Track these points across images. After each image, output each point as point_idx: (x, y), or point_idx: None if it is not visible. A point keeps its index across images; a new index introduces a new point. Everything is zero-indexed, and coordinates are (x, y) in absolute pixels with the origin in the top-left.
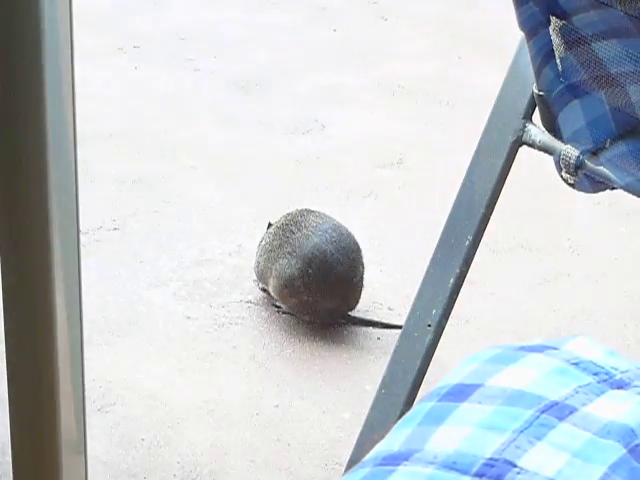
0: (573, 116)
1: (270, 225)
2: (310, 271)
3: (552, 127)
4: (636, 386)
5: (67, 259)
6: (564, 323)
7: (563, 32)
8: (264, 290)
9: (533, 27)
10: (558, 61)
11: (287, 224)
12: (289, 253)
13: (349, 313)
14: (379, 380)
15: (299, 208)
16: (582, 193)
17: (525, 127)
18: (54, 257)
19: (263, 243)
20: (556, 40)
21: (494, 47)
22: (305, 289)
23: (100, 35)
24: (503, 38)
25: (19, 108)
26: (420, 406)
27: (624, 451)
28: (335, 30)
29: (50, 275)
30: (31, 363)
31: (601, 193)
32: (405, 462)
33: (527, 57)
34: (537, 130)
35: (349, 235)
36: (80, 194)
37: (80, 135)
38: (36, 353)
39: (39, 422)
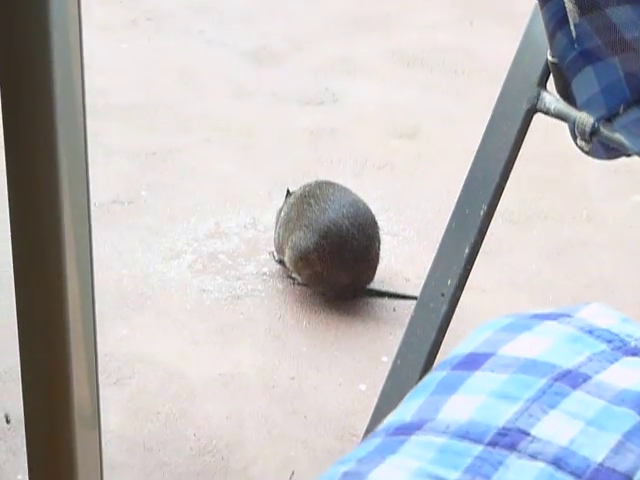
0: (587, 82)
1: (289, 193)
2: (325, 245)
3: (566, 94)
4: None
5: (78, 231)
6: (581, 292)
7: None
8: (281, 262)
9: None
10: (572, 27)
11: (305, 195)
12: (305, 226)
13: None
14: (395, 351)
15: (317, 180)
16: (598, 161)
17: (539, 95)
18: (65, 230)
19: (282, 214)
20: (569, 6)
21: (508, 15)
22: (320, 262)
23: (113, 8)
24: (517, 6)
25: (25, 82)
26: (432, 376)
27: (638, 418)
28: None
29: (61, 248)
30: (44, 337)
31: (617, 161)
32: (417, 432)
33: (541, 24)
34: (551, 97)
35: (367, 210)
36: (94, 167)
37: (94, 108)
38: (48, 327)
39: (52, 397)
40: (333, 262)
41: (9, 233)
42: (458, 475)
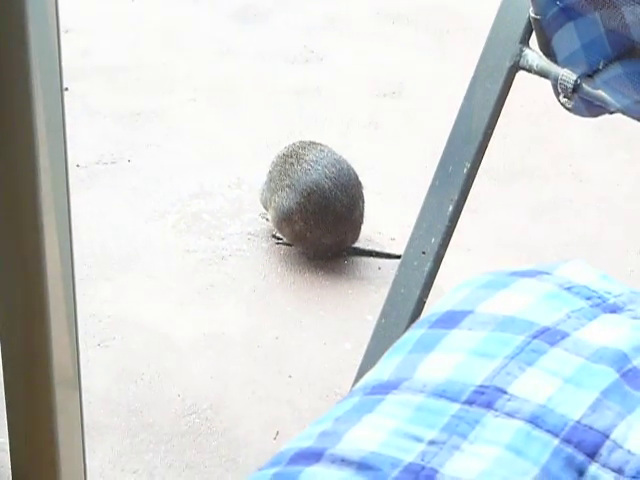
0: (568, 38)
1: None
2: (308, 205)
3: (548, 51)
4: (630, 310)
5: (56, 191)
6: (566, 250)
7: None
8: (268, 220)
9: None
10: None
11: (287, 155)
12: (287, 186)
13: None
14: (380, 310)
15: (302, 139)
16: (582, 119)
17: (522, 52)
18: (42, 190)
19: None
20: None
21: None
22: (303, 223)
23: None
24: None
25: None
26: (410, 334)
27: (617, 376)
28: None
29: (38, 207)
30: (22, 298)
31: (602, 118)
32: (394, 391)
33: None
34: (534, 55)
35: (349, 170)
36: (78, 128)
37: (77, 69)
38: (27, 288)
39: (32, 358)
40: (316, 223)
41: None
42: (435, 434)
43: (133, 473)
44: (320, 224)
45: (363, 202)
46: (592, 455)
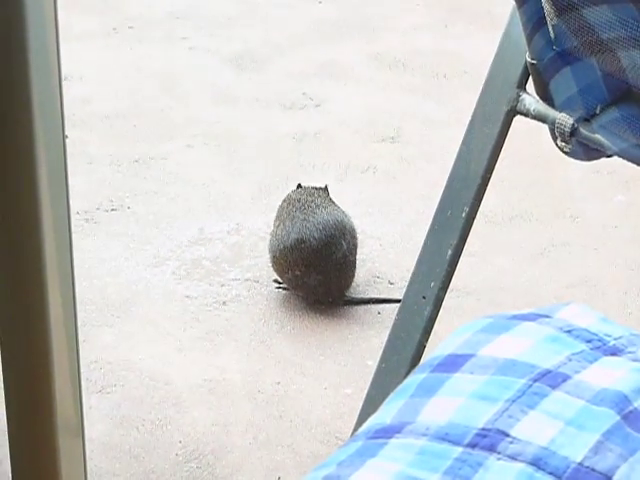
0: (565, 83)
1: (300, 186)
2: (301, 254)
3: (545, 95)
4: (630, 352)
5: (59, 239)
6: (565, 292)
7: None
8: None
9: None
10: (550, 28)
11: (285, 201)
12: (282, 234)
13: (346, 293)
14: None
15: (304, 184)
16: (580, 162)
17: (519, 96)
18: (45, 239)
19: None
20: (547, 7)
21: (489, 18)
22: (298, 270)
23: (95, 16)
24: (498, 9)
25: (4, 91)
26: (412, 378)
27: (618, 418)
28: (321, 2)
29: (42, 256)
30: (25, 346)
31: (599, 161)
32: (397, 435)
33: (519, 26)
34: (531, 99)
35: (341, 218)
36: (77, 176)
37: (77, 117)
38: (31, 336)
39: (35, 406)
40: (310, 270)
41: None
42: (438, 477)
43: None
44: (313, 271)
45: (356, 247)
46: None
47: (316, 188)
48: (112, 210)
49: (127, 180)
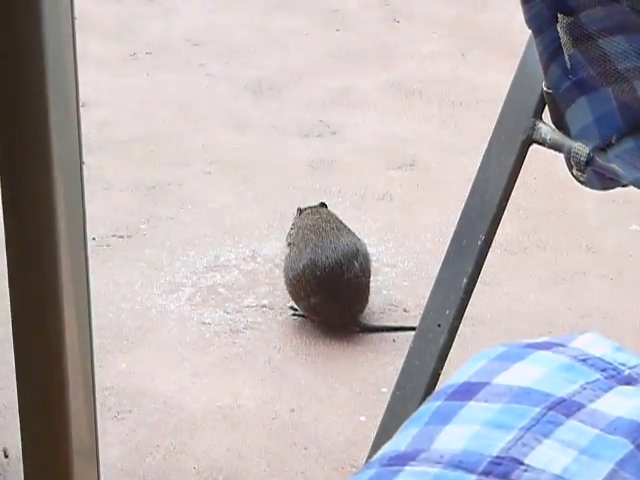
0: (581, 112)
1: (300, 210)
2: (312, 281)
3: (561, 124)
4: None
5: (75, 265)
6: (580, 322)
7: (570, 28)
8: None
9: (540, 24)
10: (566, 58)
11: (299, 227)
12: (294, 254)
13: (361, 318)
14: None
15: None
16: (595, 191)
17: (535, 125)
18: (62, 264)
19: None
20: (563, 37)
21: (506, 47)
22: (313, 297)
23: (112, 43)
24: (515, 38)
25: (22, 117)
26: (427, 406)
27: (632, 447)
28: (338, 30)
29: (59, 282)
30: (41, 371)
31: (615, 191)
32: (412, 462)
33: (536, 55)
34: (547, 128)
35: (354, 244)
36: (94, 201)
37: (94, 142)
38: (46, 361)
39: (50, 430)
40: (324, 297)
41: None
42: None
43: None
44: (326, 292)
45: (369, 271)
46: None
47: (312, 207)
48: (128, 236)
49: (143, 206)
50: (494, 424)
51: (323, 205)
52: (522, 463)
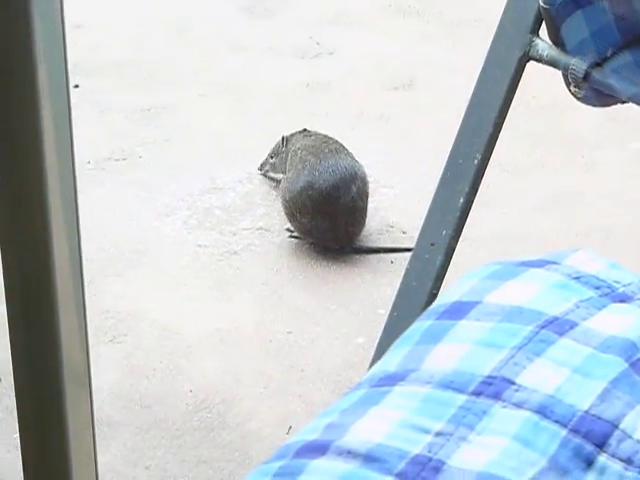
0: (577, 27)
1: (284, 139)
2: (307, 202)
3: (558, 40)
4: (639, 299)
5: (63, 188)
6: (579, 241)
7: None
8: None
9: None
10: None
11: (298, 151)
12: (290, 180)
13: (357, 241)
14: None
15: (306, 132)
16: (595, 110)
17: (532, 41)
18: (49, 187)
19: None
20: None
21: None
22: (306, 218)
23: None
24: None
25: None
26: (417, 325)
27: (625, 365)
28: None
29: (46, 204)
30: (31, 294)
31: (614, 109)
32: (401, 382)
33: None
34: (544, 44)
35: (351, 165)
36: (88, 125)
37: (87, 66)
38: (36, 284)
39: (41, 354)
40: (318, 218)
41: None
42: (441, 425)
43: (146, 469)
44: (322, 215)
45: (366, 194)
46: (601, 445)
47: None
48: (123, 159)
49: (139, 129)
50: (485, 343)
51: (305, 131)
52: (513, 383)
